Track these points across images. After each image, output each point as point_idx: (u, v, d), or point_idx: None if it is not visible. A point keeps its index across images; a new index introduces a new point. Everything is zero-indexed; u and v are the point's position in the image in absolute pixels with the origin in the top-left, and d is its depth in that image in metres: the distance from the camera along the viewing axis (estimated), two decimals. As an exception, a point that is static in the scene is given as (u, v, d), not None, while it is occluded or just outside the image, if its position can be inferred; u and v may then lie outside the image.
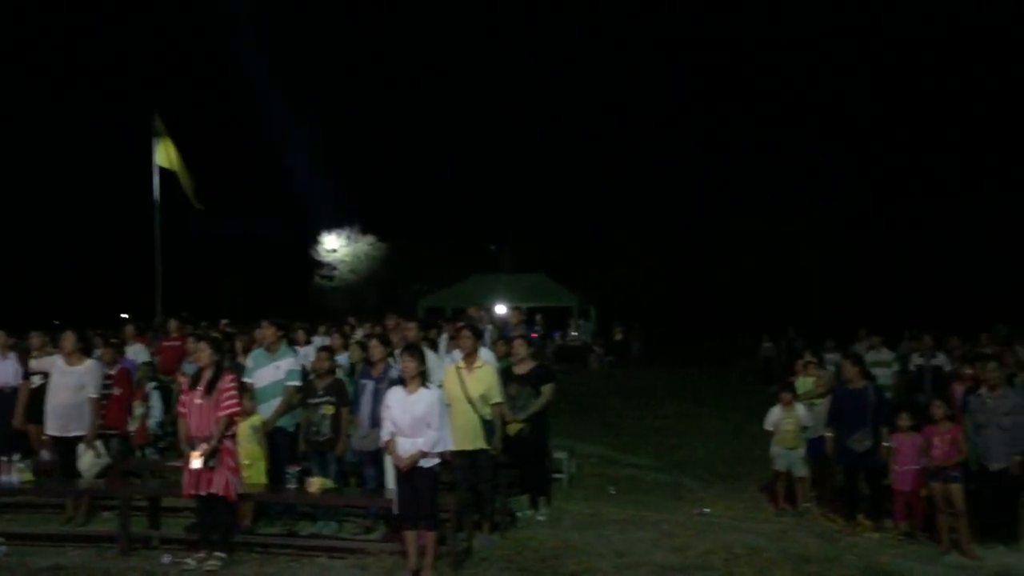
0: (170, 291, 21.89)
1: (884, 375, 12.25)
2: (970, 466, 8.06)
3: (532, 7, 58.84)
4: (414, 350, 7.05)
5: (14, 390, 9.67)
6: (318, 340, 13.42)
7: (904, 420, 8.52)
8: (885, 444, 8.52)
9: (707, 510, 9.41)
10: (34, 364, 9.67)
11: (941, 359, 12.46)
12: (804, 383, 10.06)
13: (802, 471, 9.44)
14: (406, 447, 6.71)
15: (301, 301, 37.52)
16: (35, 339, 10.16)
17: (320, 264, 42.41)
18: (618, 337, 27.68)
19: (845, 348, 13.06)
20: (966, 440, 8.07)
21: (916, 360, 12.84)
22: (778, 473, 9.58)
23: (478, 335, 8.66)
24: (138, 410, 9.64)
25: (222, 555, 7.13)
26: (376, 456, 8.07)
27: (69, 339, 8.64)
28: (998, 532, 8.02)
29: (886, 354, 13.15)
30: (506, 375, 9.01)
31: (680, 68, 49.36)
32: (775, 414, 9.57)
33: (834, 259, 33.52)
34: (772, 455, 9.59)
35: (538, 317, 26.80)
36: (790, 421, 9.44)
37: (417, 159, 48.02)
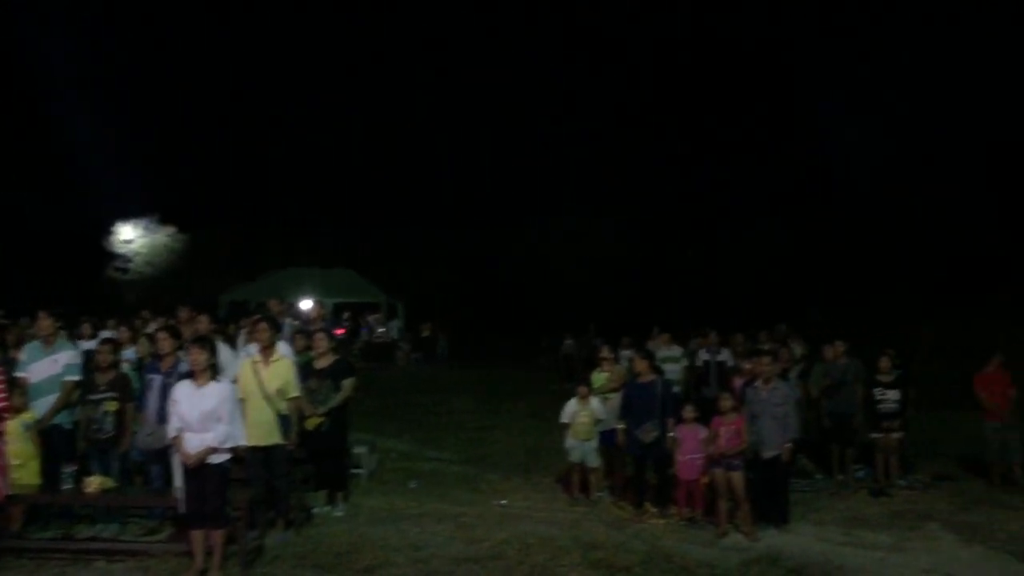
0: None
1: (674, 370, 12.87)
2: (745, 454, 8.64)
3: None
4: (204, 342, 6.79)
5: None
6: (105, 334, 12.70)
7: (689, 412, 9.02)
8: (671, 435, 8.98)
9: (504, 502, 9.59)
10: None
11: (725, 355, 13.22)
12: (599, 378, 10.42)
13: (595, 462, 9.78)
14: (194, 443, 6.45)
15: (92, 295, 35.21)
16: None
17: (114, 256, 39.97)
18: (425, 334, 27.75)
19: (639, 345, 13.62)
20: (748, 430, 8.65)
21: (703, 356, 13.57)
22: (573, 464, 9.88)
23: (276, 328, 8.45)
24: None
25: (-15, 563, 6.61)
26: (163, 453, 7.70)
27: None
28: (770, 516, 8.63)
29: (676, 350, 13.81)
30: (306, 369, 8.84)
31: (488, 63, 49.53)
32: (571, 407, 9.86)
33: (632, 261, 35.16)
34: (567, 447, 9.88)
35: (346, 313, 26.49)
36: (585, 414, 9.75)
37: (221, 145, 45.91)
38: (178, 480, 7.31)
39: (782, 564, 7.45)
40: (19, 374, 7.86)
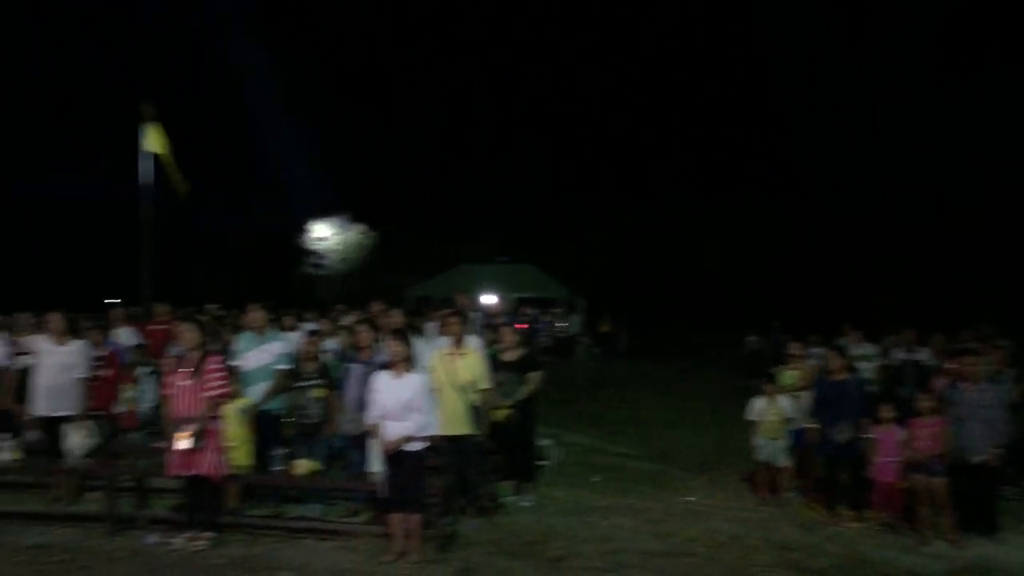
0: (158, 277, 21.83)
1: (867, 368, 12.34)
2: (949, 459, 8.17)
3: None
4: (401, 334, 7.09)
5: (2, 370, 9.68)
6: (307, 326, 13.48)
7: (885, 412, 8.61)
8: (866, 436, 8.62)
9: (691, 498, 9.50)
10: (22, 345, 9.66)
11: (923, 354, 12.55)
12: (788, 375, 10.13)
13: (784, 461, 9.52)
14: (392, 431, 6.76)
15: (288, 289, 37.46)
16: (23, 320, 10.16)
17: (309, 252, 42.36)
18: (605, 329, 27.79)
19: (829, 342, 13.13)
20: (949, 433, 8.18)
21: (898, 354, 12.93)
22: (761, 463, 9.67)
23: (466, 321, 8.71)
24: (127, 393, 9.64)
25: (209, 535, 7.18)
26: (361, 440, 8.10)
27: (57, 320, 8.66)
28: (976, 525, 8.13)
29: (868, 348, 13.23)
30: (493, 362, 9.06)
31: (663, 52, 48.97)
32: (759, 405, 9.64)
33: (818, 254, 33.84)
34: (755, 445, 9.68)
35: (527, 308, 26.90)
36: (774, 412, 9.51)
37: (409, 148, 47.80)
38: (376, 465, 7.70)
39: (995, 575, 7.02)
40: (234, 363, 8.46)
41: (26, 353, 9.42)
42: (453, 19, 59.52)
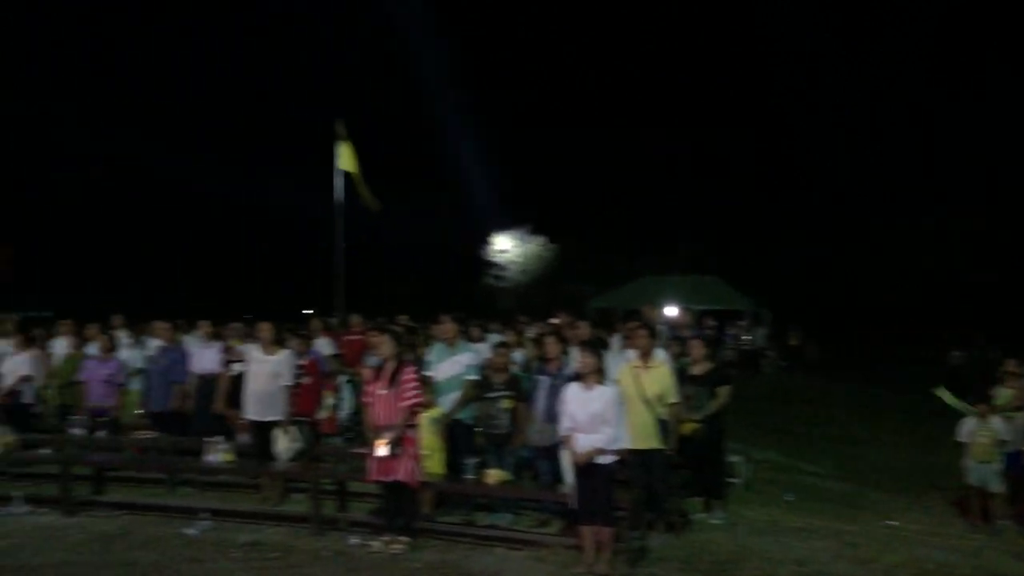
0: (349, 288, 22.88)
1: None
2: None
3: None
4: (592, 346, 7.10)
5: (216, 377, 10.41)
6: (493, 337, 13.74)
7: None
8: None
9: (893, 522, 9.00)
10: (234, 352, 10.35)
11: None
12: (1003, 394, 9.45)
13: (997, 486, 8.89)
14: (583, 443, 6.77)
15: (470, 300, 38.38)
16: (235, 330, 10.90)
17: (491, 264, 43.27)
18: (793, 342, 26.81)
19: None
20: None
21: None
22: (971, 487, 9.06)
23: (653, 334, 8.63)
24: (328, 400, 10.13)
25: (406, 540, 7.44)
26: (551, 451, 8.17)
27: (267, 330, 9.22)
28: None
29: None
30: (681, 375, 8.93)
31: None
32: (969, 425, 9.05)
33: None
34: (965, 468, 9.08)
35: (709, 320, 26.34)
36: (985, 433, 8.91)
37: (589, 160, 48.02)
38: (567, 477, 7.74)
39: None
40: (427, 373, 8.73)
41: (238, 360, 10.10)
42: (634, 31, 59.41)
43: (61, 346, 12.59)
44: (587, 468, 6.75)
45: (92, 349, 11.58)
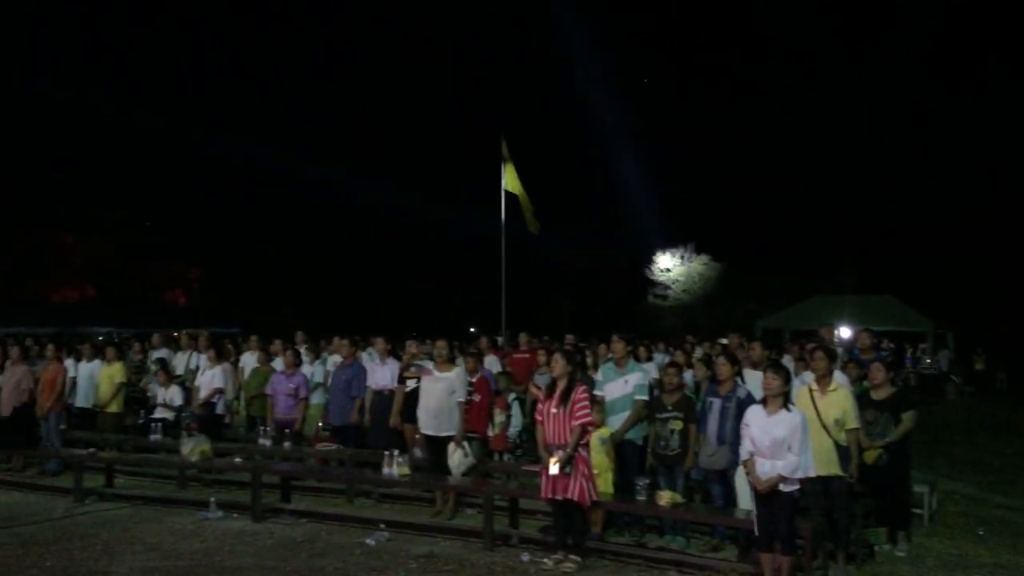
0: (511, 307, 23.24)
1: None
2: None
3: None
4: (779, 368, 6.91)
5: (392, 392, 10.79)
6: (658, 357, 13.63)
7: None
8: None
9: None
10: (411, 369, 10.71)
11: None
12: None
13: None
14: (765, 469, 6.59)
15: (632, 320, 38.18)
16: (410, 347, 11.27)
17: (653, 283, 42.92)
18: (979, 367, 25.19)
19: None
20: None
21: None
22: None
23: (832, 357, 8.32)
24: (498, 418, 10.30)
25: (577, 559, 7.45)
26: (723, 474, 8.02)
27: (442, 347, 9.50)
28: None
29: None
30: (861, 400, 8.56)
31: None
32: None
33: None
34: None
35: (884, 342, 25.13)
36: None
37: (752, 178, 47.00)
38: (742, 502, 7.56)
39: None
40: (597, 392, 8.75)
41: (413, 377, 10.44)
42: (801, 53, 57.86)
43: (249, 361, 13.39)
44: (768, 495, 6.57)
45: (278, 364, 12.26)
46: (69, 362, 12.89)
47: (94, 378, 12.69)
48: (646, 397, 8.71)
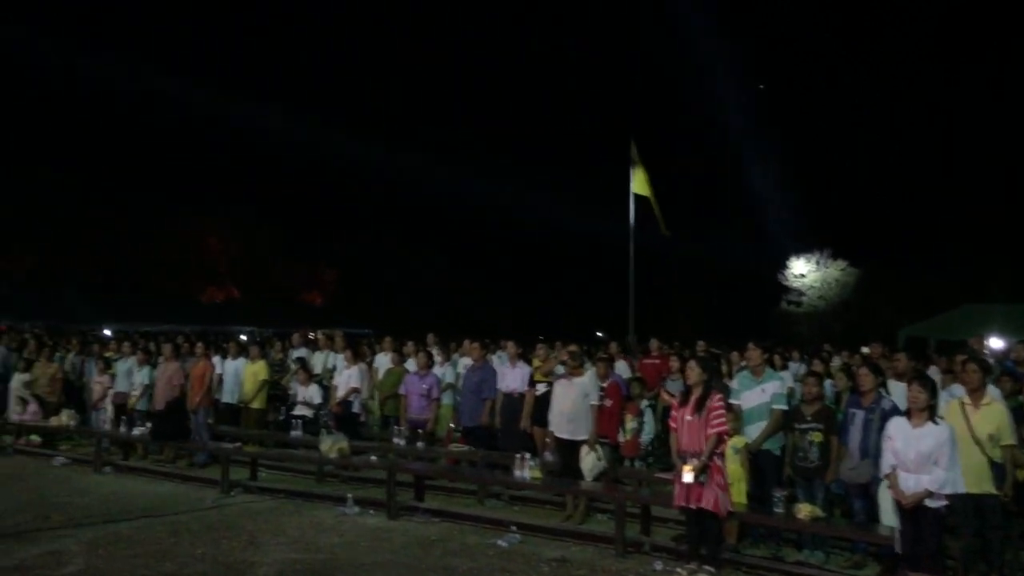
0: (639, 312, 23.08)
1: None
2: None
3: None
4: (924, 380, 6.62)
5: (522, 395, 10.88)
6: (793, 366, 13.27)
7: None
8: None
9: None
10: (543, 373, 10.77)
11: None
12: None
13: None
14: (909, 483, 6.33)
15: (764, 327, 37.26)
16: (540, 350, 11.33)
17: (788, 289, 41.79)
18: None
19: None
20: None
21: None
22: None
23: (986, 369, 7.90)
24: (630, 424, 10.24)
25: (711, 569, 7.32)
26: (865, 489, 7.72)
27: (574, 352, 9.54)
28: None
29: None
30: (1016, 415, 8.09)
31: None
32: None
33: None
34: None
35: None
36: None
37: (892, 182, 45.13)
38: (885, 518, 7.27)
39: None
40: (732, 401, 8.57)
41: (543, 381, 10.49)
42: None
43: (383, 361, 13.74)
44: (914, 511, 6.29)
45: (411, 365, 12.54)
46: (216, 359, 13.53)
47: (239, 375, 13.29)
48: (785, 406, 8.49)
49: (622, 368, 12.87)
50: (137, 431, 12.35)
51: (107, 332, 28.34)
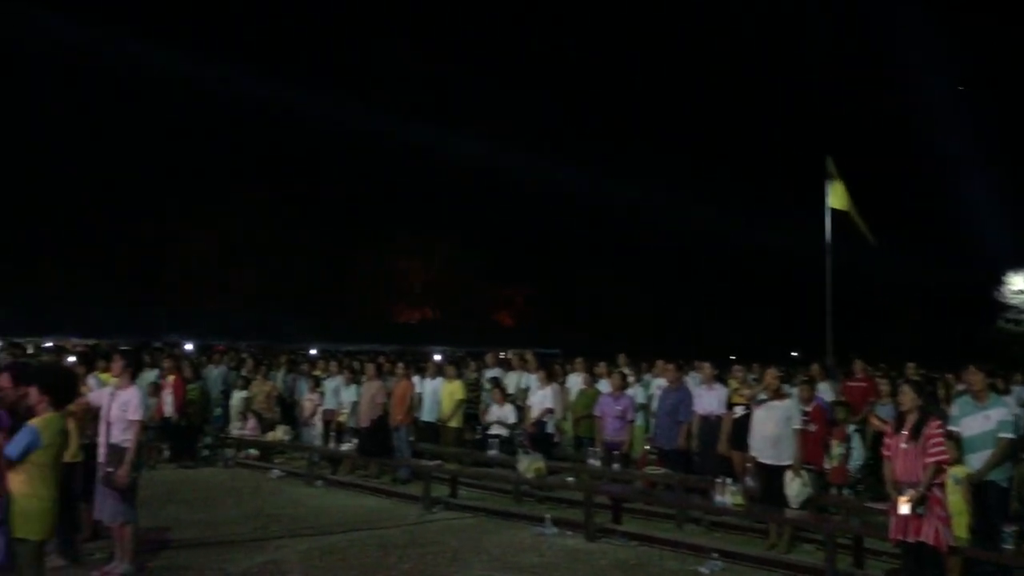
0: (839, 331, 22.05)
1: None
2: None
3: None
4: None
5: (719, 418, 10.63)
6: (1016, 390, 12.29)
7: None
8: None
9: None
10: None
11: None
12: None
13: None
14: None
15: (975, 347, 34.73)
16: (737, 372, 11.05)
17: (1005, 307, 38.84)
18: None
19: None
20: None
21: None
22: None
23: None
24: (836, 449, 9.78)
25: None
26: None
27: (772, 376, 9.24)
28: None
29: None
30: None
31: None
32: None
33: None
34: None
35: None
36: None
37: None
38: None
39: None
40: (952, 428, 8.02)
41: (740, 404, 10.21)
42: None
43: (575, 382, 13.79)
44: None
45: (603, 385, 12.52)
46: (415, 379, 14.02)
47: (437, 394, 13.72)
48: (1012, 434, 7.84)
49: (825, 390, 12.33)
50: (345, 447, 12.94)
51: (313, 351, 30.06)
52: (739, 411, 10.26)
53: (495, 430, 12.83)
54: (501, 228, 53.42)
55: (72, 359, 8.96)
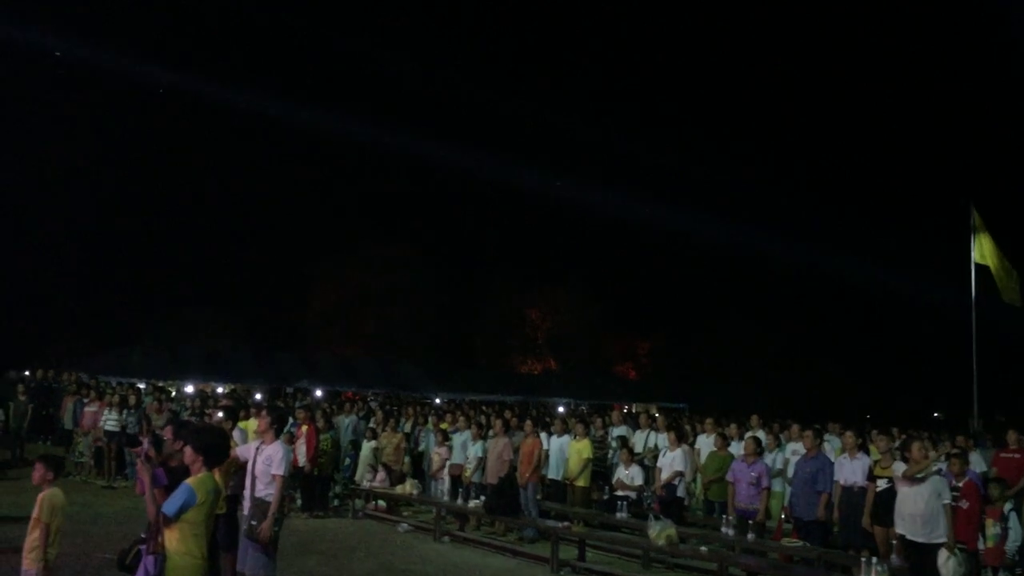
0: (984, 392, 20.87)
1: None
2: None
3: None
4: None
5: (862, 489, 10.13)
6: None
7: None
8: None
9: None
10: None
11: None
12: None
13: None
14: None
15: None
16: (880, 442, 10.54)
17: None
18: None
19: None
20: None
21: None
22: None
23: None
24: (991, 529, 9.18)
25: None
26: None
27: (917, 449, 8.73)
28: None
29: None
30: None
31: None
32: None
33: None
34: None
35: None
36: None
37: None
38: None
39: None
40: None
41: (883, 478, 9.70)
42: None
43: (705, 443, 13.45)
44: None
45: (734, 448, 12.15)
46: (542, 436, 13.94)
47: (563, 452, 13.60)
48: None
49: (977, 462, 11.63)
50: (472, 503, 12.94)
51: (437, 400, 30.43)
52: (882, 484, 9.76)
53: (622, 491, 12.62)
54: (626, 278, 53.20)
55: (219, 415, 9.27)
